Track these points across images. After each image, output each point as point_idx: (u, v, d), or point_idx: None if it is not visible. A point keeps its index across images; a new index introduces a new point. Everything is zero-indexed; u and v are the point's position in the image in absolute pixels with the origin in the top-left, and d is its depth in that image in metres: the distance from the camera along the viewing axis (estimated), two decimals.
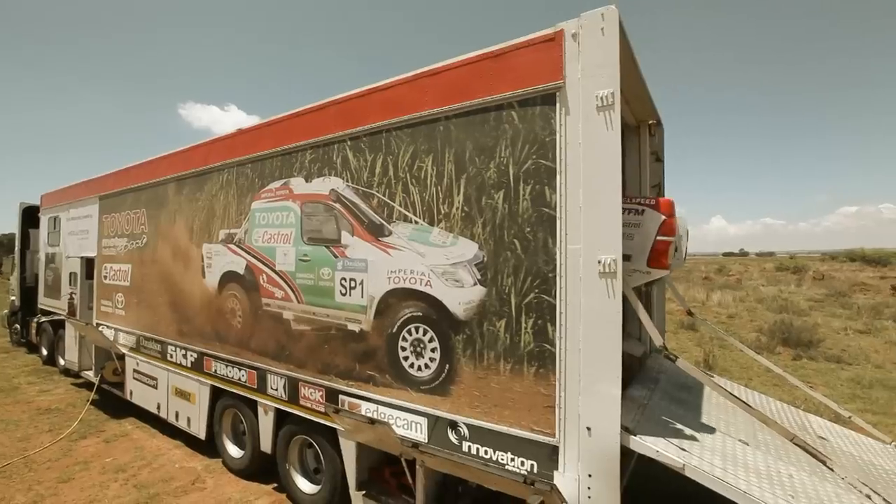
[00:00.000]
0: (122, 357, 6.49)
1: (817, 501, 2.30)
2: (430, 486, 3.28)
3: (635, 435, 2.51)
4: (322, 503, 3.98)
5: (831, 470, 2.24)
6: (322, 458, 3.99)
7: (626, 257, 2.87)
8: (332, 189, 3.82)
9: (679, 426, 2.86)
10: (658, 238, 2.88)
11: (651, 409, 3.02)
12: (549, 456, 2.68)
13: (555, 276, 2.65)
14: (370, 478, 3.79)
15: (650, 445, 2.46)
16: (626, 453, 3.98)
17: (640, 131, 4.38)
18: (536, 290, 2.72)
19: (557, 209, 2.65)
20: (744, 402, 2.38)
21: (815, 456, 2.31)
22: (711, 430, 2.91)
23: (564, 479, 2.61)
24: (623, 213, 2.77)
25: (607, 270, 2.47)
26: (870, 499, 2.18)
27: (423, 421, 3.21)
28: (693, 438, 2.68)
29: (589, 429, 2.54)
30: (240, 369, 4.62)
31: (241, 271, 4.57)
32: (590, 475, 2.54)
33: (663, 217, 2.91)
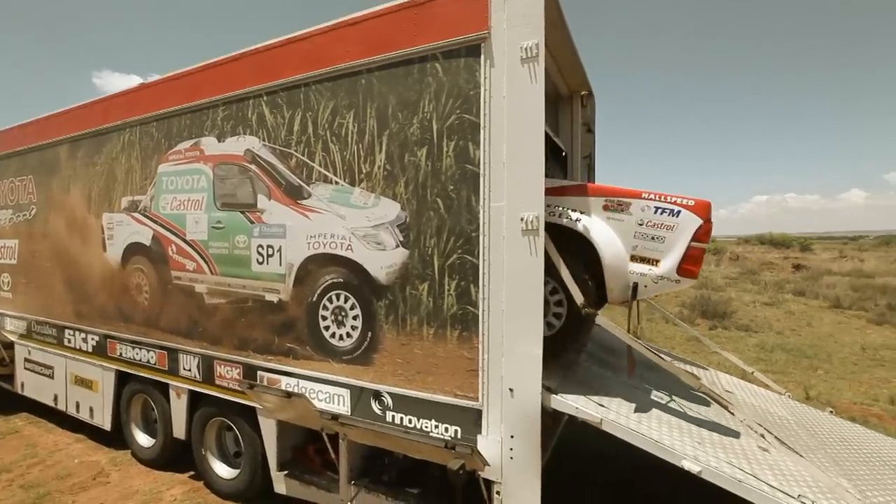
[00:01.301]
0: (10, 346, 5.72)
1: (720, 444, 2.43)
2: (355, 460, 3.14)
3: (556, 394, 2.51)
4: (242, 487, 3.73)
5: (732, 414, 2.36)
6: (241, 440, 3.73)
7: (652, 262, 2.66)
8: (248, 149, 3.48)
9: (600, 385, 2.92)
10: (692, 244, 2.60)
11: (575, 371, 3.06)
12: (473, 420, 2.62)
13: (478, 236, 2.56)
14: (294, 457, 3.59)
15: (570, 403, 2.47)
16: (555, 418, 4.09)
17: (573, 102, 4.40)
18: (460, 251, 2.63)
19: (481, 166, 2.55)
20: (659, 355, 2.44)
21: (718, 401, 2.43)
22: (630, 389, 3.00)
23: (487, 443, 2.58)
24: (655, 212, 2.66)
25: (530, 228, 2.41)
26: (763, 437, 2.33)
27: (346, 393, 3.05)
28: (612, 396, 2.74)
29: (511, 390, 2.50)
30: (148, 350, 4.19)
31: (148, 242, 4.12)
32: (512, 436, 2.52)
33: (701, 221, 2.61)
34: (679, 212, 2.63)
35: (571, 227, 2.73)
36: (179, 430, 4.08)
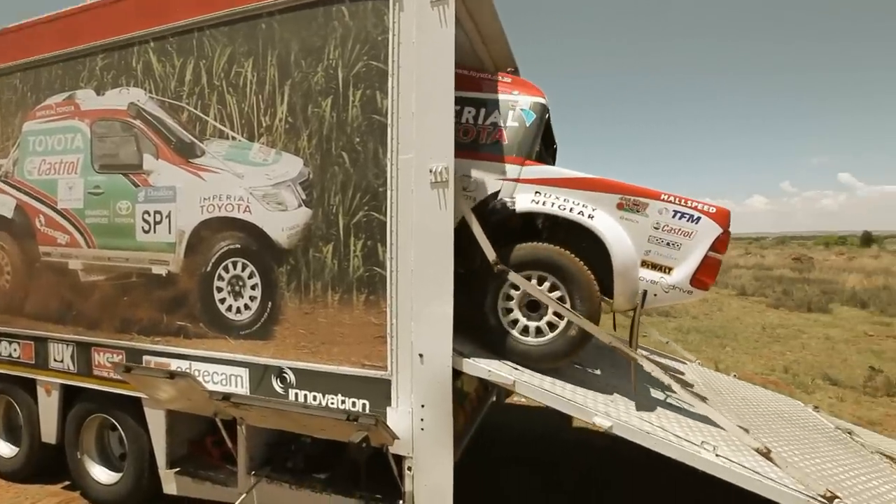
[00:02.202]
0: None
1: (631, 400, 2.43)
2: (256, 448, 2.83)
3: (469, 358, 2.38)
4: (126, 491, 3.25)
5: (641, 367, 2.36)
6: (125, 438, 3.25)
7: (664, 269, 2.51)
8: (132, 103, 3.05)
9: None
10: (710, 254, 2.46)
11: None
12: (381, 392, 2.42)
13: (385, 191, 2.38)
14: (190, 453, 3.18)
15: (482, 366, 2.35)
16: (481, 397, 3.99)
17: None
18: (366, 208, 2.43)
19: (389, 116, 2.37)
20: (576, 315, 2.39)
21: (627, 355, 2.42)
22: None
23: (397, 415, 2.39)
24: (674, 216, 2.51)
25: (439, 179, 2.27)
26: (670, 388, 2.35)
27: (244, 373, 2.73)
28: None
29: (421, 356, 2.34)
30: (10, 343, 3.56)
31: (10, 214, 3.50)
32: (423, 405, 2.35)
33: (721, 230, 2.48)
34: (699, 218, 2.48)
35: (582, 224, 2.53)
36: (49, 434, 3.49)
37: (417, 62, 2.33)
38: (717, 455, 2.08)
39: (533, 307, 2.61)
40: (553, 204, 2.59)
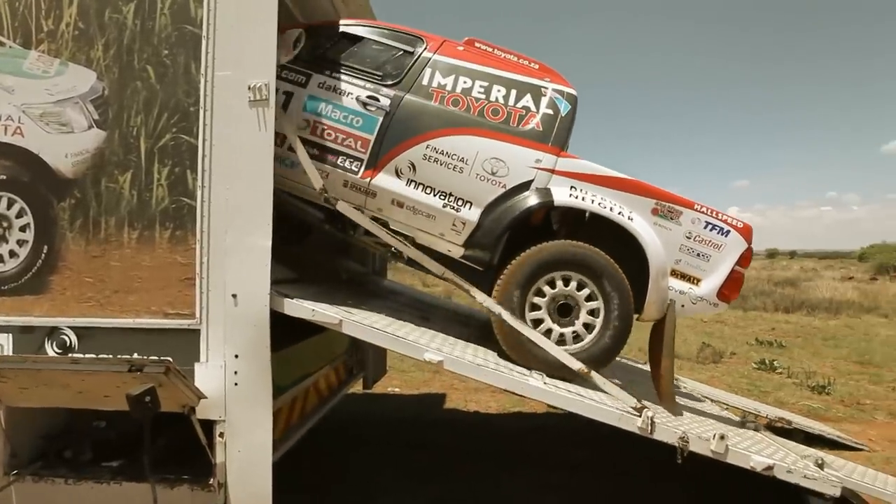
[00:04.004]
0: None
1: (451, 341, 2.38)
2: (23, 440, 2.21)
3: (291, 298, 2.12)
4: None
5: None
6: None
7: (693, 280, 2.47)
8: None
9: (353, 301, 2.62)
10: (736, 268, 2.47)
11: (332, 294, 2.72)
12: (188, 345, 2.05)
13: (198, 110, 2.07)
14: None
15: (307, 307, 2.11)
16: (343, 382, 3.69)
17: None
18: (174, 130, 2.09)
19: (205, 26, 2.09)
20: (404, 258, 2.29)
21: (461, 287, 2.36)
22: (391, 308, 2.79)
23: (207, 370, 2.03)
24: (705, 227, 2.46)
25: (259, 97, 2.03)
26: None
27: (6, 339, 2.14)
28: (361, 308, 2.46)
29: (235, 296, 2.03)
30: None
31: None
32: (237, 356, 2.03)
33: (746, 245, 2.50)
34: (728, 231, 2.48)
35: (622, 224, 2.40)
36: None
37: None
38: (545, 383, 2.08)
39: (564, 311, 2.41)
40: (592, 201, 2.43)
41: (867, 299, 13.26)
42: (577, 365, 2.18)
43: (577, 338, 2.39)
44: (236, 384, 2.02)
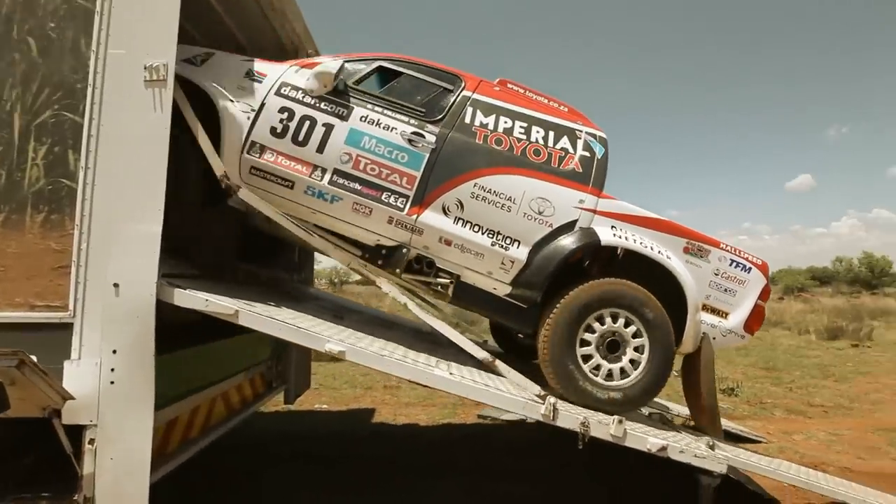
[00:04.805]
0: None
1: (361, 336, 2.33)
2: None
3: (185, 289, 1.98)
4: None
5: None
6: None
7: (722, 314, 2.63)
8: None
9: (261, 295, 2.50)
10: (758, 302, 2.66)
11: (249, 290, 2.58)
12: (57, 341, 1.83)
13: (85, 87, 1.94)
14: None
15: (200, 297, 1.97)
16: (259, 396, 3.44)
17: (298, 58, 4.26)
18: (57, 107, 1.94)
19: (98, 2, 1.98)
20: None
21: (369, 275, 2.33)
22: (307, 309, 2.67)
23: (79, 369, 1.82)
24: (731, 264, 2.64)
25: (155, 77, 1.94)
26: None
27: None
28: (267, 303, 2.33)
29: (116, 285, 1.86)
30: None
31: None
32: (114, 351, 1.84)
33: (766, 281, 2.70)
34: (750, 268, 2.66)
35: (662, 263, 2.51)
36: None
37: None
38: (451, 373, 2.07)
39: (612, 347, 2.45)
40: (634, 240, 2.52)
41: (775, 315, 14.69)
42: (481, 354, 2.20)
43: (623, 373, 2.44)
44: (112, 383, 1.83)
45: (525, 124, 2.62)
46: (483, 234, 2.42)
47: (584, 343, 2.42)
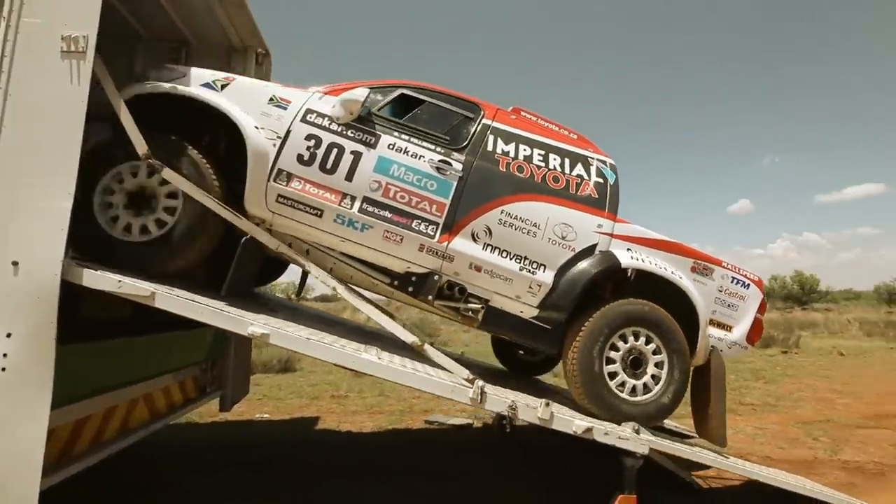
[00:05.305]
0: None
1: (294, 326, 2.27)
2: None
3: (95, 270, 1.87)
4: None
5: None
6: None
7: (726, 328, 2.81)
8: None
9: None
10: (757, 315, 2.84)
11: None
12: None
13: None
14: None
15: (111, 278, 1.87)
16: (189, 400, 3.25)
17: (247, 57, 4.20)
18: None
19: None
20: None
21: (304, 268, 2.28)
22: (251, 306, 2.57)
23: None
24: (732, 281, 2.82)
25: (73, 49, 1.87)
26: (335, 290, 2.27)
27: None
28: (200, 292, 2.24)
29: (16, 264, 1.74)
30: None
31: None
32: (9, 335, 1.71)
33: (762, 295, 2.91)
34: (749, 284, 2.85)
35: (675, 282, 2.64)
36: None
37: None
38: (378, 358, 2.05)
39: (636, 365, 2.56)
40: (649, 262, 2.65)
41: None
42: (410, 338, 2.20)
43: (646, 388, 2.56)
44: (4, 368, 1.69)
45: (543, 152, 2.73)
46: (511, 259, 2.51)
47: (610, 361, 2.53)
